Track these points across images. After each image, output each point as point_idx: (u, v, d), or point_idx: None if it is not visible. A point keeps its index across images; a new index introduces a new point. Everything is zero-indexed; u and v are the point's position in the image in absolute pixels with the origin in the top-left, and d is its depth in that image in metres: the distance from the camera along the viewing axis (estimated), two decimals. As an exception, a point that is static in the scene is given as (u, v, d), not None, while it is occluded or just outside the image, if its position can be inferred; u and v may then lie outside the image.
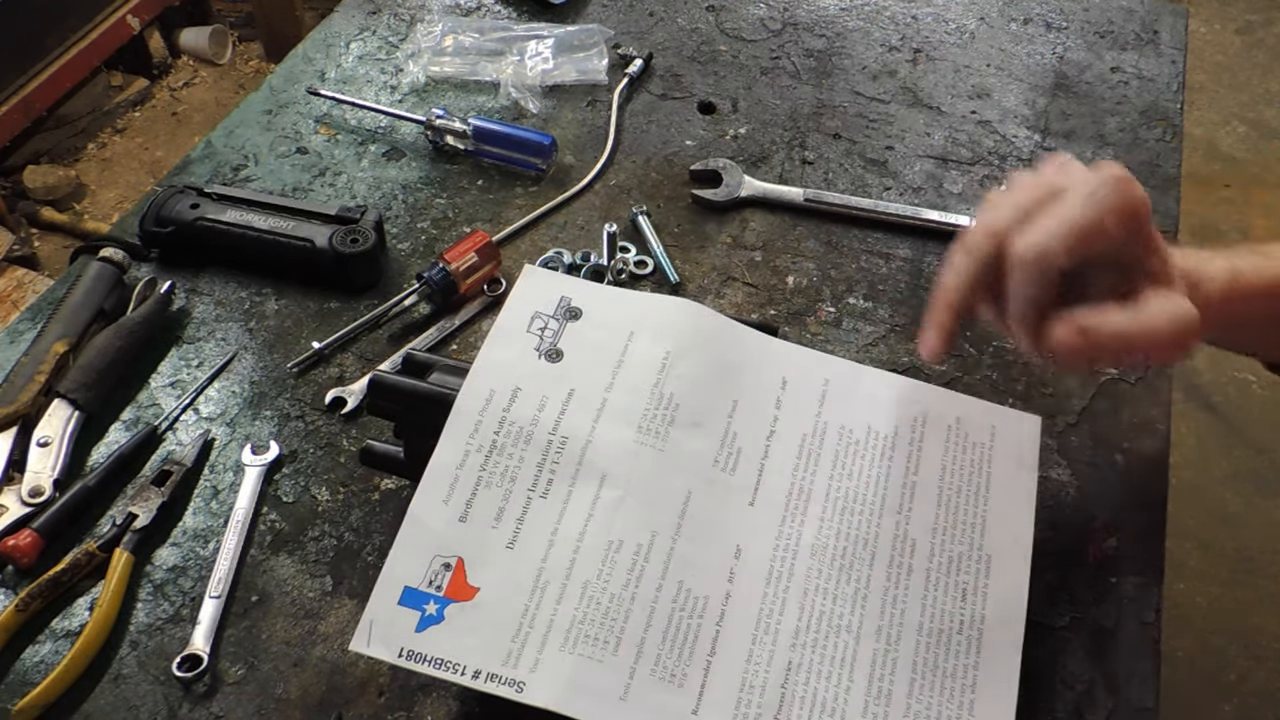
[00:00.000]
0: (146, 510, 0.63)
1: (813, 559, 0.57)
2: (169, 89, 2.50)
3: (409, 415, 0.61)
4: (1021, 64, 0.97)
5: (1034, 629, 0.58)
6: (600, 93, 0.93)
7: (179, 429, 0.69)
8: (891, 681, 0.54)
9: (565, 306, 0.64)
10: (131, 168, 2.32)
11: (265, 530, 0.64)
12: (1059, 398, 0.71)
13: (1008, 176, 0.59)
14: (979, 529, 0.59)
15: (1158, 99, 0.94)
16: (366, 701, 0.57)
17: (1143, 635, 0.60)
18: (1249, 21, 2.72)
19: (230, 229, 0.76)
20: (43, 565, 0.61)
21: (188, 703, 0.56)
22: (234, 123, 0.90)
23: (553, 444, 0.58)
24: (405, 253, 0.80)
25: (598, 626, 0.53)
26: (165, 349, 0.73)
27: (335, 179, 0.86)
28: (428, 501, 0.56)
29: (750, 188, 0.84)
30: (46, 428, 0.66)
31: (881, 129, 0.91)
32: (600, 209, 0.83)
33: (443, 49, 0.96)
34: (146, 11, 2.31)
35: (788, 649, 0.54)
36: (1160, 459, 0.68)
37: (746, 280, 0.78)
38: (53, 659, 0.58)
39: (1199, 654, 1.58)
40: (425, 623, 0.53)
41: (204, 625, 0.59)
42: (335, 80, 0.94)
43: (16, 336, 0.74)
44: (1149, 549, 0.63)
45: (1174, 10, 1.03)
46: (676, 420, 0.59)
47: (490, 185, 0.86)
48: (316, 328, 0.75)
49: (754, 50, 0.99)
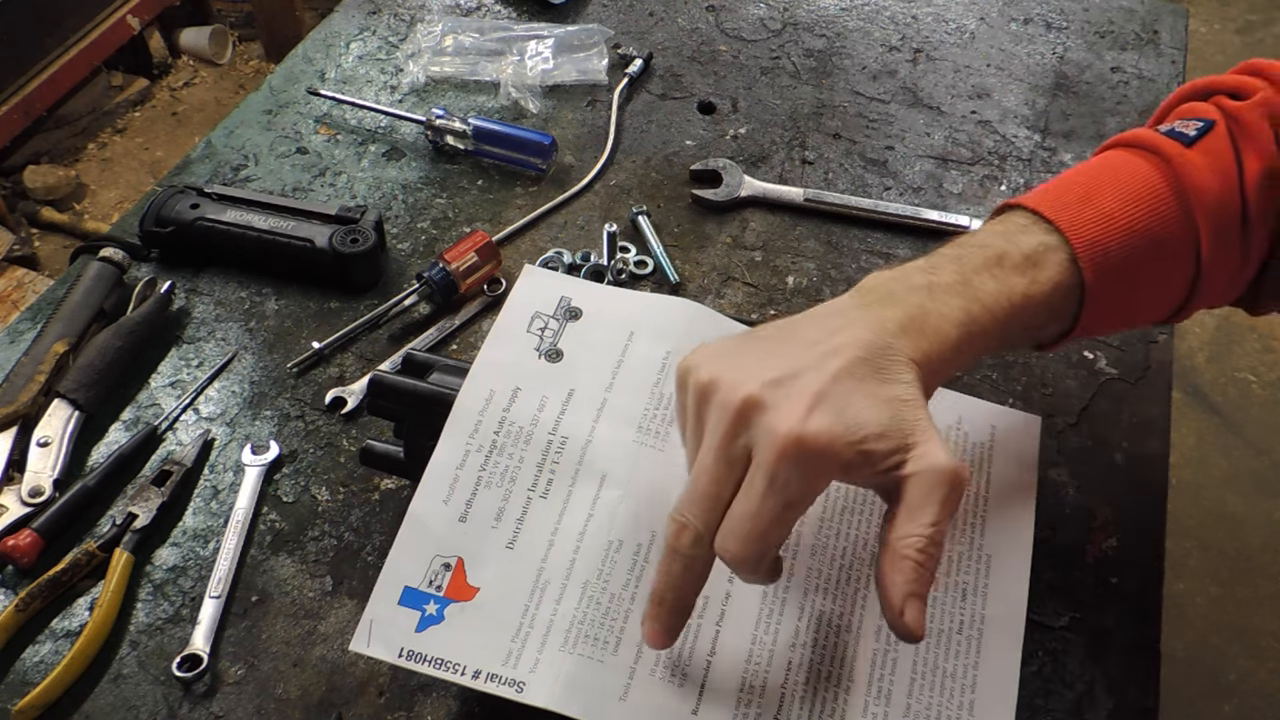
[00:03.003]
0: (146, 510, 0.63)
1: (813, 559, 0.57)
2: (169, 89, 2.50)
3: (409, 415, 0.61)
4: (1021, 64, 0.97)
5: (1034, 629, 0.58)
6: (600, 93, 0.93)
7: (179, 429, 0.69)
8: (891, 681, 0.54)
9: (565, 306, 0.64)
10: (131, 168, 2.32)
11: (265, 530, 0.64)
12: (1059, 398, 0.71)
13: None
14: (979, 529, 0.59)
15: (1158, 99, 0.94)
16: (366, 701, 0.57)
17: (1143, 635, 0.60)
18: (1249, 21, 2.72)
19: (230, 229, 0.76)
20: (43, 565, 0.61)
21: (188, 703, 0.56)
22: (234, 123, 0.90)
23: (553, 444, 0.58)
24: (405, 253, 0.80)
25: (598, 626, 0.53)
26: (165, 349, 0.73)
27: (335, 179, 0.86)
28: (428, 501, 0.56)
29: (750, 188, 0.84)
30: (46, 428, 0.66)
31: (881, 129, 0.91)
32: (600, 209, 0.83)
33: (443, 49, 0.96)
34: (146, 11, 2.31)
35: (788, 649, 0.54)
36: (1160, 459, 0.68)
37: (746, 280, 0.78)
38: (53, 659, 0.58)
39: (1199, 654, 1.58)
40: (425, 623, 0.53)
41: (204, 625, 0.59)
42: (335, 80, 0.94)
43: (16, 336, 0.74)
44: (1149, 549, 0.63)
45: (1174, 10, 1.03)
46: (676, 420, 0.59)
47: (490, 185, 0.86)
48: (316, 328, 0.75)
49: (754, 50, 0.99)
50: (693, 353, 0.51)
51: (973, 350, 0.51)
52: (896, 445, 0.46)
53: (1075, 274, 0.52)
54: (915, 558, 0.45)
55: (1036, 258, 0.52)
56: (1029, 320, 0.52)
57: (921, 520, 0.45)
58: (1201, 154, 0.54)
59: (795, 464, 0.44)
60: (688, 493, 0.47)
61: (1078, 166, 0.58)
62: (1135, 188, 0.54)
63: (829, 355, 0.47)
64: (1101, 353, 0.74)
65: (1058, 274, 0.52)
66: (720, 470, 0.46)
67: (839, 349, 0.47)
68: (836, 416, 0.45)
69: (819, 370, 0.47)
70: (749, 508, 0.45)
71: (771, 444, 0.45)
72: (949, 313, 0.50)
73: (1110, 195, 0.54)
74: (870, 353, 0.47)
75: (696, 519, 0.47)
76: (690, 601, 0.49)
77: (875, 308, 0.50)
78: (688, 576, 0.48)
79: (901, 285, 0.51)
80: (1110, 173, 0.55)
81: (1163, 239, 0.53)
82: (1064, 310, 0.53)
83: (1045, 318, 0.53)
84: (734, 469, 0.46)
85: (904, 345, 0.48)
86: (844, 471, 0.46)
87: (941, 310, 0.50)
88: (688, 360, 0.50)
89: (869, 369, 0.47)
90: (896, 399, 0.47)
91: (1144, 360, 0.73)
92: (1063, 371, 0.72)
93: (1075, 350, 0.74)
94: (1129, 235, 0.53)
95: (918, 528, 0.45)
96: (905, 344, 0.48)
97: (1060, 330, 0.55)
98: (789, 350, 0.48)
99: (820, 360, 0.47)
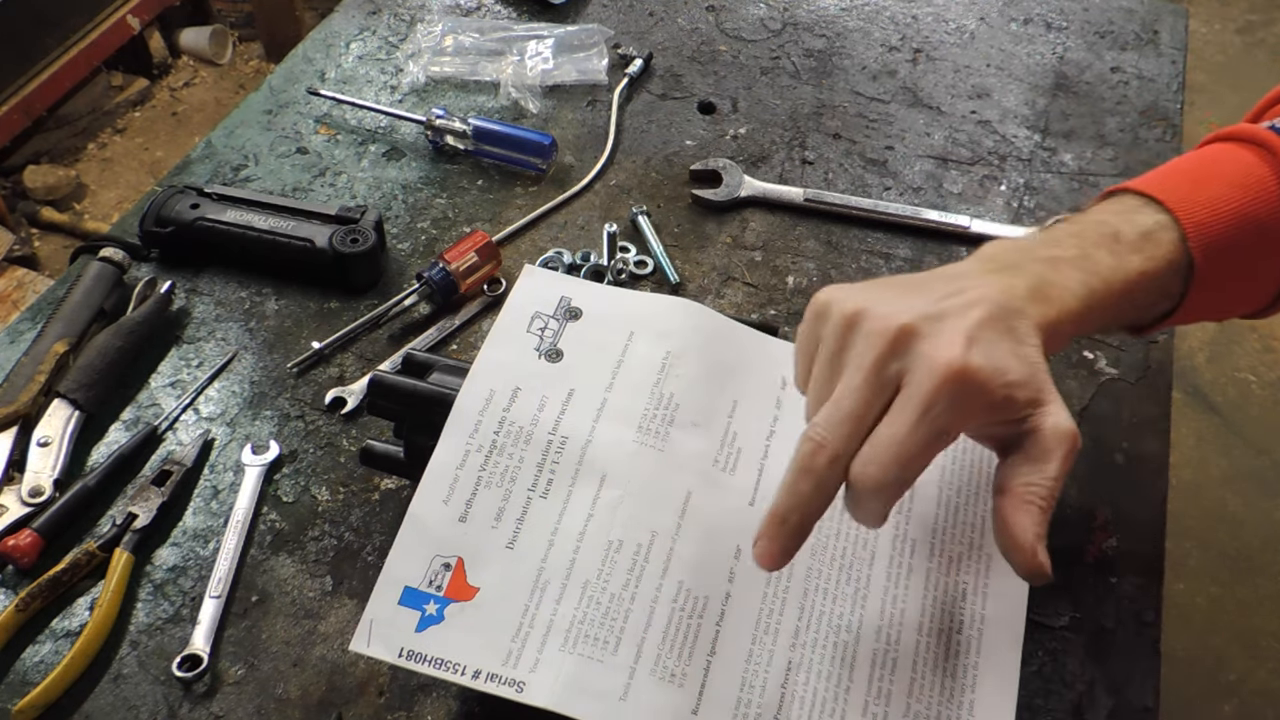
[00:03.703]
0: (146, 510, 0.63)
1: (813, 559, 0.57)
2: (169, 89, 2.50)
3: (409, 415, 0.61)
4: (1021, 64, 0.97)
5: (1034, 629, 0.58)
6: (600, 93, 0.93)
7: (179, 429, 0.69)
8: (891, 681, 0.54)
9: (565, 306, 0.64)
10: (131, 168, 2.32)
11: (265, 530, 0.64)
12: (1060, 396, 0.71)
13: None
14: (979, 529, 0.59)
15: (1158, 99, 0.94)
16: (366, 701, 0.57)
17: (1143, 635, 0.60)
18: (1249, 21, 2.72)
19: (230, 229, 0.76)
20: (43, 565, 0.61)
21: (188, 703, 0.56)
22: (234, 123, 0.90)
23: (553, 444, 0.58)
24: (405, 253, 0.80)
25: (598, 626, 0.53)
26: (165, 349, 0.73)
27: (335, 179, 0.86)
28: (428, 501, 0.56)
29: (750, 188, 0.84)
30: (46, 428, 0.66)
31: (881, 129, 0.91)
32: (600, 209, 0.83)
33: (443, 49, 0.96)
34: (146, 11, 2.31)
35: (788, 649, 0.54)
36: (1160, 459, 0.68)
37: (746, 280, 0.78)
38: (53, 659, 0.58)
39: (1199, 654, 1.58)
40: (425, 623, 0.53)
41: (204, 625, 0.59)
42: (335, 80, 0.94)
43: (16, 336, 0.74)
44: (1149, 549, 0.63)
45: (1174, 10, 1.03)
46: (676, 420, 0.59)
47: (490, 185, 0.86)
48: (316, 328, 0.75)
49: (754, 50, 0.99)
50: (825, 289, 0.51)
51: (1091, 322, 0.53)
52: (1031, 397, 0.47)
53: (1185, 254, 0.54)
54: (1039, 504, 0.47)
55: (1150, 236, 0.54)
56: (1140, 298, 0.54)
57: (1047, 471, 0.47)
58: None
59: (953, 393, 0.45)
60: (828, 412, 0.47)
61: (1183, 156, 0.60)
62: (1242, 176, 0.56)
63: (970, 305, 0.48)
64: (1101, 353, 0.74)
65: (1170, 252, 0.53)
66: (868, 394, 0.47)
67: (976, 301, 0.48)
68: (989, 356, 0.46)
69: (964, 315, 0.47)
70: (899, 432, 0.45)
71: (931, 370, 0.45)
72: (1071, 285, 0.51)
73: (1218, 182, 0.56)
74: (1003, 312, 0.48)
75: (837, 439, 0.47)
76: (811, 525, 0.49)
77: (1002, 274, 0.51)
78: (817, 497, 0.48)
79: (1025, 256, 0.53)
80: (1216, 163, 0.58)
81: (1268, 226, 0.55)
82: (1173, 289, 0.55)
83: (1156, 295, 0.55)
84: (882, 394, 0.47)
85: (1032, 310, 0.49)
86: (989, 410, 0.47)
87: (1064, 282, 0.51)
88: (826, 294, 0.51)
89: (1005, 325, 0.48)
90: (1029, 357, 0.48)
91: (1144, 360, 0.73)
92: (1063, 371, 0.72)
93: (1075, 350, 0.74)
94: (1237, 219, 0.54)
95: (1043, 478, 0.47)
96: (1033, 309, 0.49)
97: (1165, 310, 0.56)
98: (928, 296, 0.49)
99: (963, 308, 0.48)
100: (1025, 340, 0.48)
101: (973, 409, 0.46)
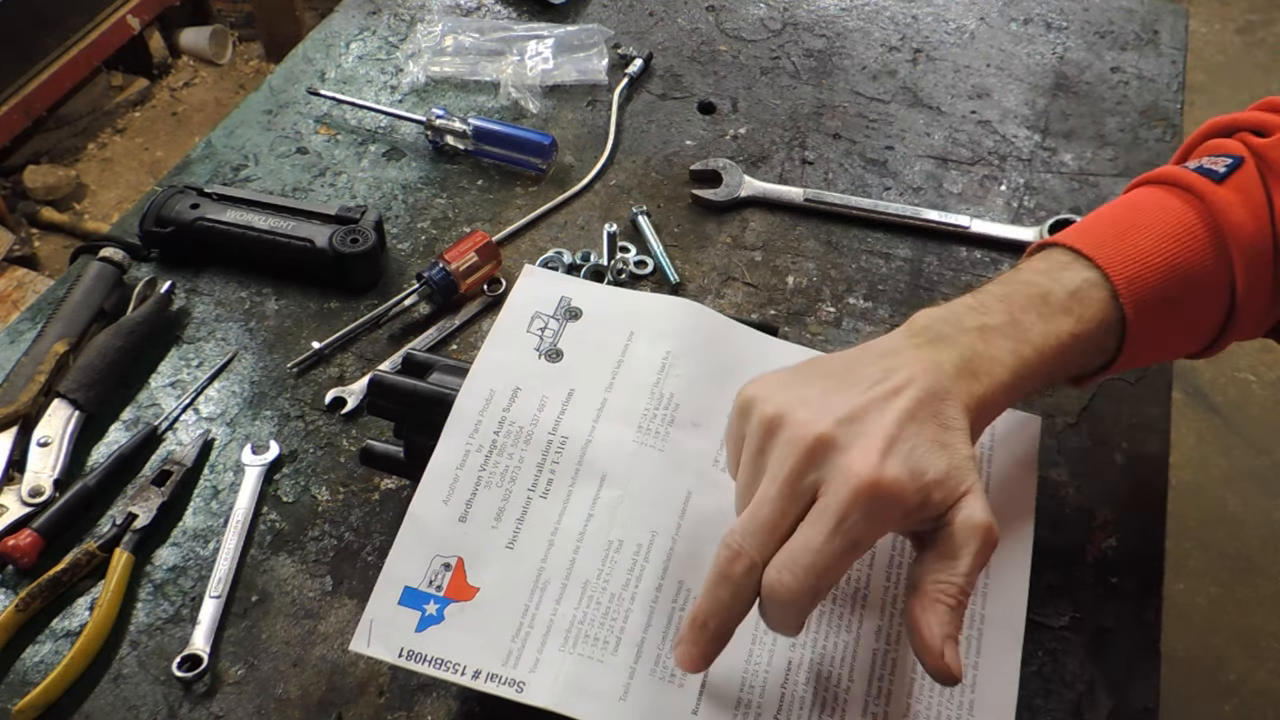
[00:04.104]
0: (146, 510, 0.63)
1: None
2: (169, 89, 2.50)
3: (409, 415, 0.61)
4: (1021, 64, 0.97)
5: (1034, 629, 0.58)
6: (600, 93, 0.93)
7: (179, 429, 0.69)
8: (891, 681, 0.54)
9: (565, 306, 0.64)
10: (131, 168, 2.32)
11: (265, 530, 0.64)
12: (1059, 398, 0.71)
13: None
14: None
15: (1158, 99, 0.94)
16: (366, 701, 0.57)
17: (1143, 635, 0.60)
18: (1249, 21, 2.72)
19: (230, 229, 0.76)
20: (43, 565, 0.61)
21: (188, 703, 0.56)
22: (234, 123, 0.90)
23: (553, 444, 0.58)
24: (405, 253, 0.80)
25: (598, 626, 0.53)
26: (165, 349, 0.73)
27: (335, 179, 0.86)
28: (428, 501, 0.56)
29: (750, 188, 0.84)
30: (46, 428, 0.66)
31: (881, 129, 0.91)
32: (600, 209, 0.83)
33: (443, 49, 0.96)
34: (146, 11, 2.31)
35: (788, 649, 0.54)
36: (1160, 459, 0.68)
37: (746, 280, 0.78)
38: (53, 659, 0.58)
39: (1199, 654, 1.58)
40: (425, 623, 0.53)
41: (204, 625, 0.59)
42: (335, 80, 0.94)
43: (16, 336, 0.74)
44: (1149, 549, 0.63)
45: (1174, 10, 1.03)
46: (676, 420, 0.59)
47: (490, 185, 0.86)
48: (316, 328, 0.75)
49: (754, 50, 0.99)
50: (752, 383, 0.51)
51: (1021, 390, 0.52)
52: (950, 493, 0.46)
53: (1116, 310, 0.53)
54: (948, 602, 0.46)
55: (1080, 295, 0.53)
56: (1074, 359, 0.53)
57: (958, 569, 0.46)
58: (1233, 190, 0.55)
59: (868, 505, 0.45)
60: (745, 521, 0.47)
61: (1110, 204, 0.59)
62: (1170, 224, 0.55)
63: (892, 395, 0.47)
64: (1101, 353, 0.74)
65: (1100, 311, 0.53)
66: (784, 504, 0.46)
67: (899, 390, 0.48)
68: (905, 461, 0.46)
69: (884, 412, 0.47)
70: (813, 543, 0.45)
71: (846, 483, 0.45)
72: (1001, 356, 0.51)
73: (1146, 232, 0.55)
74: (929, 396, 0.48)
75: (753, 548, 0.46)
76: (731, 630, 0.48)
77: (929, 349, 0.50)
78: (735, 604, 0.47)
79: (953, 327, 0.52)
80: (1144, 210, 0.56)
81: (1199, 274, 0.54)
82: (1106, 345, 0.54)
83: (1091, 354, 0.54)
84: (798, 504, 0.46)
85: (959, 389, 0.49)
86: (905, 516, 0.46)
87: (993, 353, 0.51)
88: (750, 390, 0.50)
89: (929, 413, 0.47)
90: (953, 446, 0.47)
91: (1144, 360, 0.73)
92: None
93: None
94: (1167, 271, 0.54)
95: (953, 575, 0.46)
96: (960, 388, 0.49)
97: (1100, 364, 0.56)
98: (851, 388, 0.48)
99: (884, 401, 0.47)
100: (950, 425, 0.48)
101: (888, 518, 0.46)
